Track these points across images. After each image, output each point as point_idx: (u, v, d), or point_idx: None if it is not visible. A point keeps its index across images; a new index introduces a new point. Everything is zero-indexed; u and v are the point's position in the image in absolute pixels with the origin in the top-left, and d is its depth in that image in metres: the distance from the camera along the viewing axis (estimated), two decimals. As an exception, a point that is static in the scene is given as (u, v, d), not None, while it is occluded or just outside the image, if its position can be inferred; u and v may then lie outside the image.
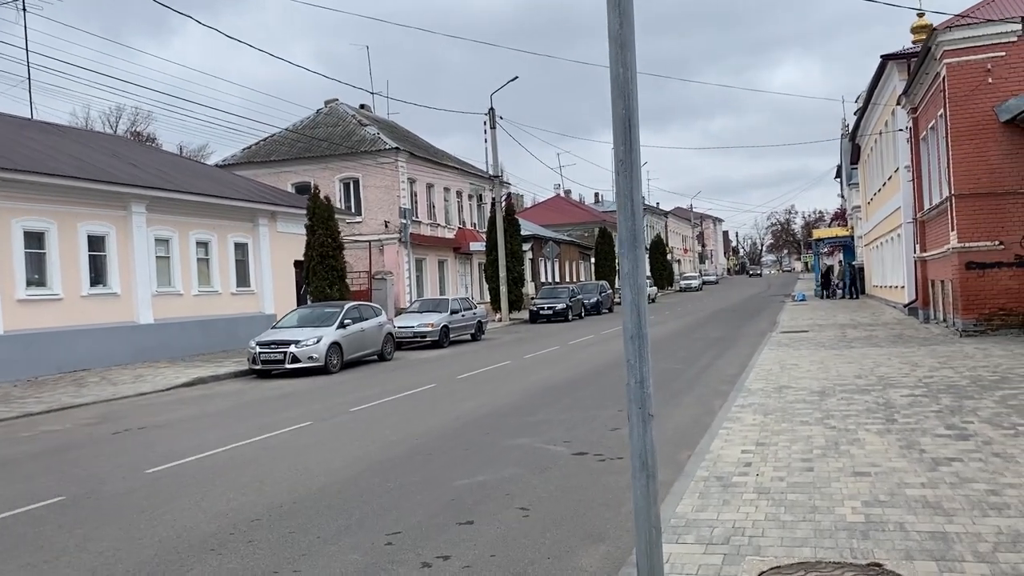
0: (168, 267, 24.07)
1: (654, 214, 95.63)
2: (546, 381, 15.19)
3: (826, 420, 8.86)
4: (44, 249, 20.07)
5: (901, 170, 26.39)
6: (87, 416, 13.57)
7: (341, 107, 42.19)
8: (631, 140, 3.26)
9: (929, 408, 9.23)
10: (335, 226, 24.97)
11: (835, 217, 67.45)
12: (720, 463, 7.09)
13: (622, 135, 3.28)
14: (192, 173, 28.59)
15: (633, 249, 3.33)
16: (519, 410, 11.79)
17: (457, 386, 15.27)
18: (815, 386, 11.56)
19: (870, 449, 7.30)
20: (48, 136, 24.75)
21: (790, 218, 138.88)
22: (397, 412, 12.33)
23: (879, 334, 19.95)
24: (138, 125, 57.56)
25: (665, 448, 8.66)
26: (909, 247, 25.52)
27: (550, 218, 68.98)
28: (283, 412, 12.95)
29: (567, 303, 36.55)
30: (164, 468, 8.94)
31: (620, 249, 3.41)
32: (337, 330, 19.30)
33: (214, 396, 15.73)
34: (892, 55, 26.14)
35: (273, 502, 7.20)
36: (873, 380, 11.90)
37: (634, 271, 3.37)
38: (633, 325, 3.38)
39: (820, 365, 14.16)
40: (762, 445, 7.76)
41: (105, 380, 18.20)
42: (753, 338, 21.91)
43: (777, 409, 9.78)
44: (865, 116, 33.87)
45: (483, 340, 27.35)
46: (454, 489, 7.30)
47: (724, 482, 6.44)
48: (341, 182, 38.52)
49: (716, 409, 10.63)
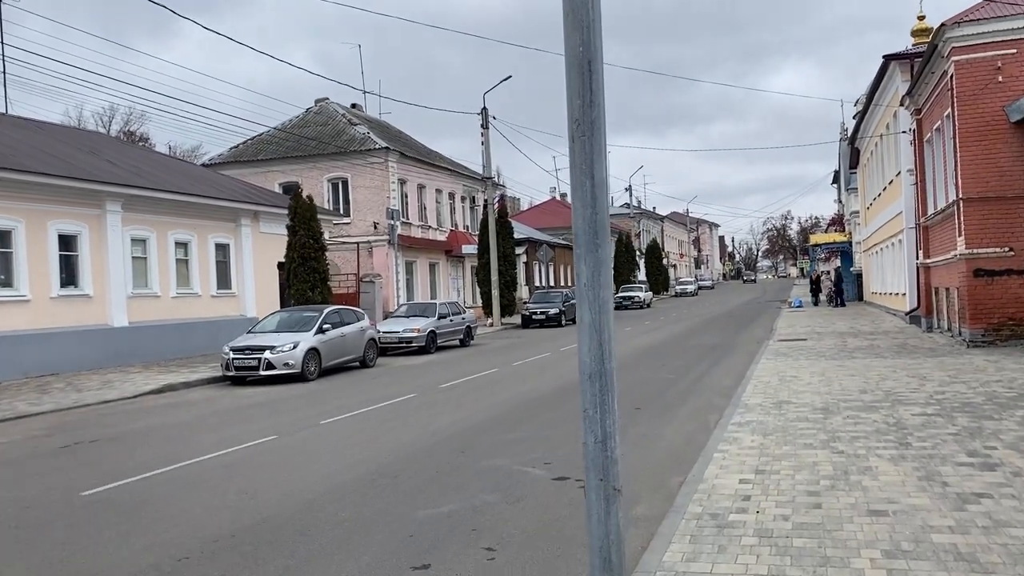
0: (145, 268, 23.19)
1: (650, 218, 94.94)
2: (532, 391, 14.35)
3: (832, 443, 8.03)
4: (10, 248, 19.18)
5: (903, 174, 25.62)
6: (39, 427, 12.70)
7: (331, 106, 41.32)
8: (591, 91, 2.40)
9: (945, 430, 8.40)
10: (317, 227, 24.10)
11: (832, 223, 66.74)
12: (715, 496, 6.25)
13: (579, 84, 2.41)
14: (173, 171, 27.70)
15: (594, 249, 2.47)
16: (500, 425, 10.95)
17: (438, 396, 14.42)
18: (818, 402, 10.73)
19: (884, 480, 6.48)
20: (23, 132, 23.86)
21: (786, 224, 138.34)
22: (369, 426, 11.48)
23: (881, 344, 19.14)
24: (131, 125, 56.74)
25: (655, 472, 7.86)
26: (911, 253, 24.74)
27: (546, 221, 68.15)
28: (249, 424, 12.10)
29: (560, 308, 35.73)
30: (101, 490, 8.08)
31: (577, 249, 2.56)
32: (315, 335, 18.44)
33: (181, 405, 14.87)
34: (895, 55, 25.40)
35: (208, 535, 6.35)
36: (880, 395, 11.08)
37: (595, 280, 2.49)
38: (593, 358, 2.52)
39: (822, 377, 13.34)
40: (762, 473, 6.92)
41: (71, 386, 17.31)
42: (750, 346, 21.10)
43: (777, 428, 8.95)
44: (865, 119, 33.11)
45: (472, 346, 26.49)
46: (415, 523, 6.45)
47: (719, 521, 5.60)
48: (330, 182, 37.67)
49: (712, 426, 9.81)
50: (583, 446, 2.49)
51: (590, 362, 2.47)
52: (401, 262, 36.61)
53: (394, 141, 39.87)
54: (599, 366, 2.44)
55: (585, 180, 2.40)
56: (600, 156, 2.40)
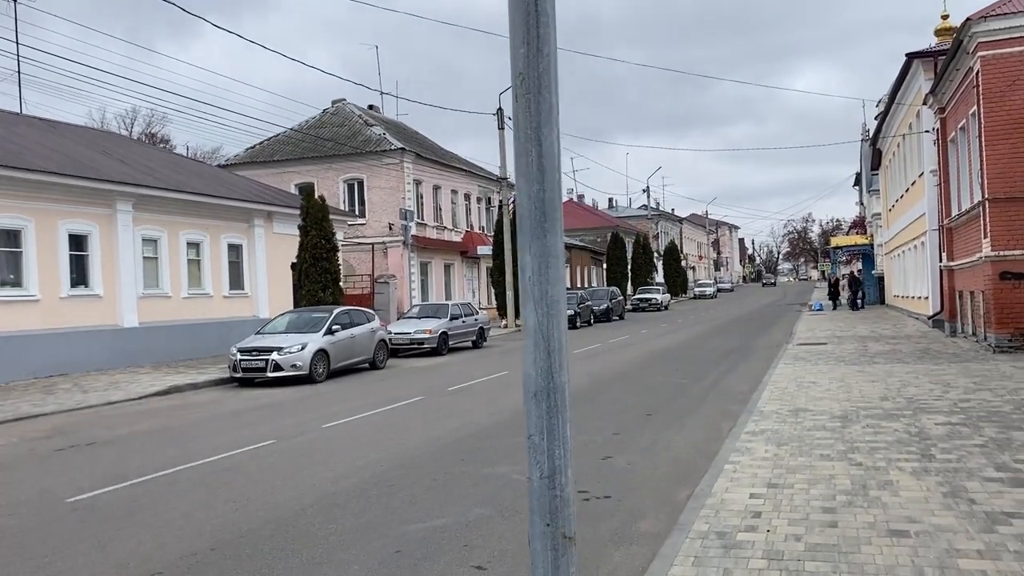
0: (156, 268, 23.03)
1: (669, 220, 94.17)
2: (541, 396, 13.96)
3: (850, 454, 7.60)
4: (20, 248, 19.06)
5: (926, 174, 24.99)
6: (40, 429, 12.49)
7: (348, 107, 41.15)
8: (538, 37, 1.97)
9: (971, 441, 7.94)
10: (329, 227, 23.85)
11: (853, 225, 65.73)
12: (723, 512, 5.85)
13: (523, 29, 1.97)
14: (186, 171, 27.58)
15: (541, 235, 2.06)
16: (505, 430, 10.60)
17: (445, 400, 14.09)
18: (836, 409, 10.28)
19: (906, 496, 6.05)
20: (36, 131, 23.80)
21: (807, 226, 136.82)
22: (371, 430, 11.17)
23: (903, 348, 18.58)
24: (153, 127, 56.93)
25: (663, 484, 7.47)
26: (934, 256, 24.12)
27: (563, 222, 67.73)
28: (250, 428, 11.82)
29: (575, 310, 35.28)
30: (87, 497, 7.81)
31: (521, 237, 2.17)
32: (324, 336, 18.17)
33: (185, 407, 14.63)
34: (918, 53, 24.79)
35: (187, 548, 6.04)
36: (902, 403, 10.60)
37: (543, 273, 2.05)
38: (540, 371, 2.10)
39: (841, 383, 12.86)
40: (775, 487, 6.52)
41: (77, 387, 17.14)
42: (768, 350, 20.59)
43: (793, 438, 8.52)
44: (887, 119, 32.42)
45: (484, 348, 26.14)
46: (404, 536, 6.11)
47: (727, 541, 5.21)
48: (345, 183, 37.49)
49: (724, 434, 9.40)
50: (528, 482, 2.09)
51: (536, 376, 2.07)
52: (416, 263, 36.33)
53: (410, 142, 39.63)
54: (547, 381, 2.04)
55: (530, 148, 1.99)
56: (550, 118, 1.98)
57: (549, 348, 2.00)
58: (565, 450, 1.98)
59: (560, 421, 2.01)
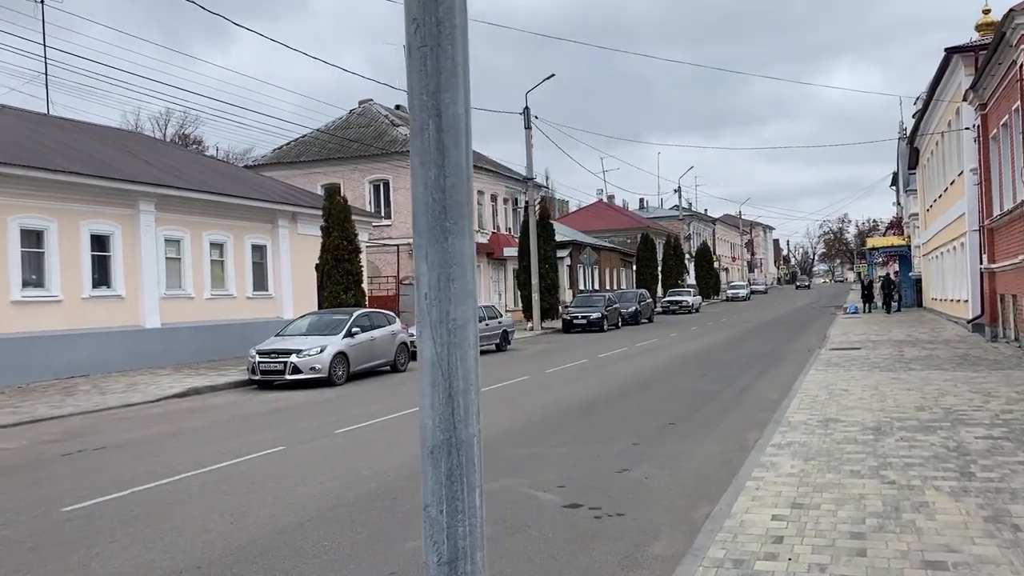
0: (179, 269, 23.00)
1: (701, 220, 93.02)
2: (560, 402, 13.56)
3: (882, 471, 7.10)
4: (42, 248, 19.08)
5: (966, 173, 24.16)
6: (53, 431, 12.35)
7: (374, 107, 41.06)
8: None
9: (1015, 457, 7.40)
10: (351, 228, 23.63)
11: (890, 226, 64.26)
12: (742, 536, 5.41)
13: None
14: (211, 172, 27.57)
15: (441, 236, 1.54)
16: (517, 439, 10.20)
17: (463, 405, 13.73)
18: (868, 420, 9.75)
19: (943, 520, 5.56)
20: (62, 132, 23.88)
21: (843, 227, 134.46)
22: (384, 436, 10.85)
23: (941, 354, 17.87)
24: (186, 128, 57.38)
25: (681, 500, 7.04)
26: (974, 257, 23.28)
27: (592, 224, 67.10)
28: (262, 432, 11.57)
29: (603, 312, 34.74)
30: (84, 506, 7.56)
31: (416, 238, 1.67)
32: (344, 339, 17.92)
33: (202, 410, 14.45)
34: (957, 48, 23.97)
35: (174, 566, 5.74)
36: (939, 413, 10.04)
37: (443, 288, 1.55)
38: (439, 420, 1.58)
39: (874, 391, 12.28)
40: (799, 507, 6.05)
41: (96, 388, 17.07)
42: (800, 355, 19.97)
43: (821, 452, 8.03)
44: (926, 116, 31.51)
45: (508, 351, 25.75)
46: (400, 555, 5.76)
47: (743, 571, 4.77)
48: (371, 184, 37.39)
49: (750, 445, 8.93)
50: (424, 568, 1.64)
51: (433, 427, 1.61)
52: (441, 264, 36.05)
53: (436, 142, 39.36)
54: (447, 434, 1.57)
55: (427, 120, 1.56)
56: (454, 80, 1.55)
57: (451, 389, 1.54)
58: (473, 527, 1.48)
59: (465, 488, 1.54)
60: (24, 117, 24.06)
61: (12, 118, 22.66)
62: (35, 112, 25.79)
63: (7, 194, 18.03)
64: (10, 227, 18.22)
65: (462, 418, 1.51)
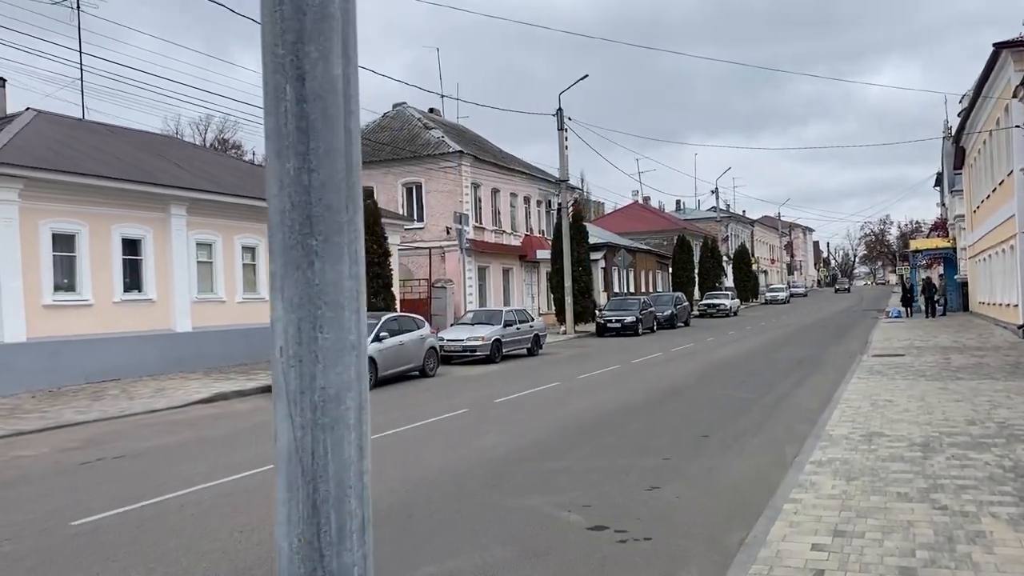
0: (210, 272, 22.97)
1: (739, 222, 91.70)
2: (590, 411, 13.13)
3: (933, 493, 6.58)
4: (74, 252, 19.13)
5: (1016, 173, 23.24)
6: (75, 438, 12.23)
7: (407, 110, 40.89)
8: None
9: (1079, 480, 6.83)
10: (381, 231, 23.46)
11: (934, 227, 62.55)
12: (778, 569, 4.96)
13: None
14: (244, 175, 27.56)
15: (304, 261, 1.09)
16: (544, 451, 9.81)
17: (489, 412, 13.38)
18: (916, 435, 9.18)
19: (1003, 554, 5.05)
20: (96, 136, 24.03)
21: (885, 228, 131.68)
22: (403, 447, 10.52)
23: (991, 361, 17.08)
24: (225, 133, 57.93)
25: (713, 521, 6.60)
26: (1025, 260, 22.38)
27: (628, 226, 66.43)
28: (283, 441, 11.31)
29: (637, 316, 34.18)
30: (92, 520, 7.33)
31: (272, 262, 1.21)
32: (372, 344, 17.68)
33: (226, 416, 14.28)
34: (1007, 43, 23.07)
35: (171, 591, 5.45)
36: (992, 428, 9.43)
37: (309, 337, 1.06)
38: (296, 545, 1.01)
39: (921, 403, 11.67)
40: (841, 536, 5.58)
41: (124, 393, 17.03)
42: (841, 361, 19.29)
43: (865, 470, 7.51)
44: (973, 114, 30.48)
45: (540, 355, 25.32)
46: (410, 583, 5.40)
47: (779, 612, 4.33)
48: (404, 187, 37.21)
49: (788, 461, 8.44)
50: None
51: (290, 553, 1.07)
52: (473, 267, 35.78)
53: (468, 145, 39.12)
54: (311, 566, 0.98)
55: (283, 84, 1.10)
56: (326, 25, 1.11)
57: (315, 497, 0.98)
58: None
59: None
60: (60, 122, 24.24)
61: (48, 123, 22.83)
62: (71, 117, 25.98)
63: (38, 198, 18.09)
64: (42, 231, 18.28)
65: (332, 542, 0.97)
